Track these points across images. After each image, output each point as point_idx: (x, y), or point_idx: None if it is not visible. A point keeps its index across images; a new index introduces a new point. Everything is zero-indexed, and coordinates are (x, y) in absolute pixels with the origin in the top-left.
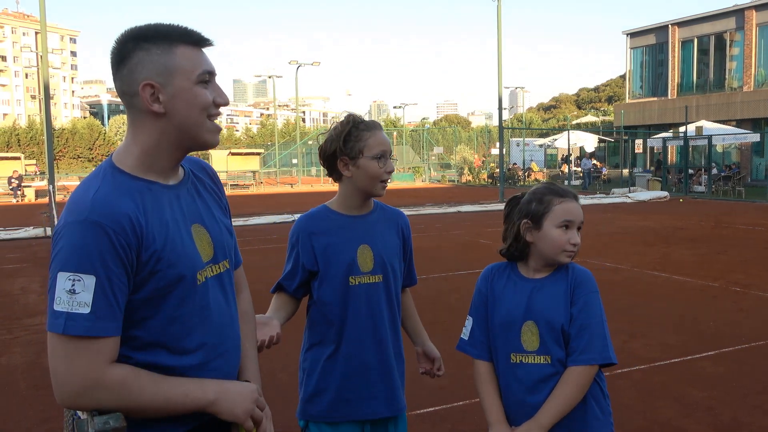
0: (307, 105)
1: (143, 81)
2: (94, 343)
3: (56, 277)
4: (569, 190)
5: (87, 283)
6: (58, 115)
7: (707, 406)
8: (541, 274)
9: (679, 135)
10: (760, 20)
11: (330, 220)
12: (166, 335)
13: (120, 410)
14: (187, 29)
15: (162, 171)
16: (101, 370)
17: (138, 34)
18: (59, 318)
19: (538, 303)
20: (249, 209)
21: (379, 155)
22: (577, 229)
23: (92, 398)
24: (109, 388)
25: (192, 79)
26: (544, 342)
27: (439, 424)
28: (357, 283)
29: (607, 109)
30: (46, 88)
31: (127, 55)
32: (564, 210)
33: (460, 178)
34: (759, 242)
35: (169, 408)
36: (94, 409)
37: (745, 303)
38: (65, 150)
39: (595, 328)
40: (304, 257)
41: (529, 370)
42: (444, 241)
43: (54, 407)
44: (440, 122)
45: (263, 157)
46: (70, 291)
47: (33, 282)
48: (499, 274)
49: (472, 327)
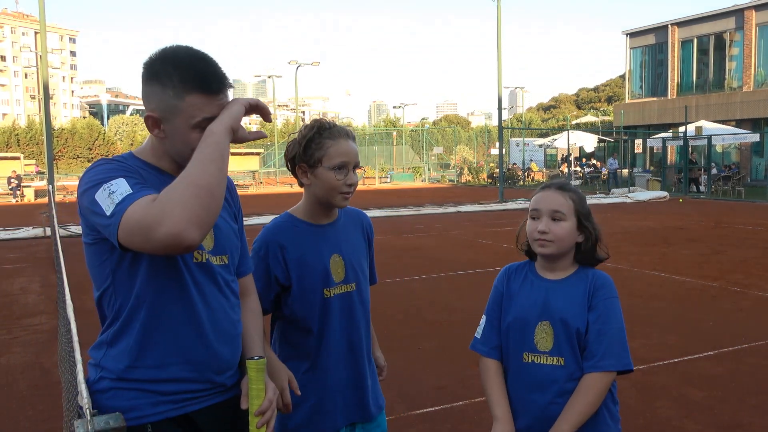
0: (306, 105)
1: (150, 111)
2: (146, 199)
3: (94, 199)
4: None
5: (118, 183)
6: (58, 115)
7: (707, 406)
8: (558, 275)
9: (678, 135)
10: (759, 20)
11: (298, 231)
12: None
13: (201, 198)
14: (206, 77)
15: (172, 167)
16: (158, 195)
17: (157, 66)
18: (115, 216)
19: (554, 303)
20: (249, 209)
21: (338, 166)
22: (553, 219)
23: (191, 208)
24: (172, 200)
25: (190, 123)
26: (558, 343)
27: (440, 424)
28: (332, 295)
29: (607, 109)
30: (45, 88)
31: (149, 80)
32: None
33: (459, 179)
34: (758, 242)
35: (216, 162)
36: (200, 216)
37: (745, 303)
38: (65, 150)
39: (614, 334)
40: (276, 271)
41: (541, 370)
42: (444, 241)
43: (54, 407)
44: (440, 122)
45: (263, 157)
46: (110, 195)
47: (32, 282)
48: (517, 274)
49: (485, 326)
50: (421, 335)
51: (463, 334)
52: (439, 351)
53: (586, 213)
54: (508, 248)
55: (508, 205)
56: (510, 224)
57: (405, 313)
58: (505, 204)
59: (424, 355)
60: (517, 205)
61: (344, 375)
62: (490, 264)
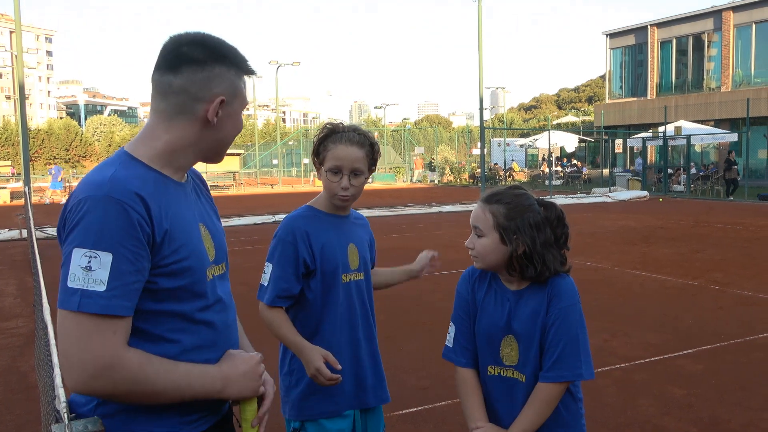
0: (287, 105)
1: (221, 94)
2: (110, 323)
3: (71, 253)
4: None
5: (104, 260)
6: (34, 115)
7: (687, 404)
8: (516, 285)
9: (658, 135)
10: (737, 21)
11: (319, 219)
12: (173, 330)
13: (134, 395)
14: (247, 60)
15: (177, 169)
16: (118, 351)
17: (218, 47)
18: (74, 295)
19: (517, 317)
20: (229, 210)
21: (333, 170)
22: (476, 234)
23: (109, 380)
24: (126, 370)
25: (244, 105)
26: (523, 357)
27: (421, 424)
28: (348, 281)
29: (588, 110)
30: (21, 88)
31: (205, 62)
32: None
33: (441, 179)
34: (737, 241)
35: (180, 395)
36: (109, 395)
37: (724, 301)
38: (41, 151)
39: (567, 343)
40: (304, 253)
41: (505, 383)
42: (426, 241)
43: (32, 412)
44: (421, 122)
45: (243, 158)
46: (86, 268)
47: (8, 285)
48: (481, 281)
49: (455, 334)
50: (403, 336)
51: (445, 335)
52: (421, 352)
53: (513, 226)
54: None
55: None
56: None
57: (387, 314)
58: None
59: (406, 356)
60: None
61: (359, 358)
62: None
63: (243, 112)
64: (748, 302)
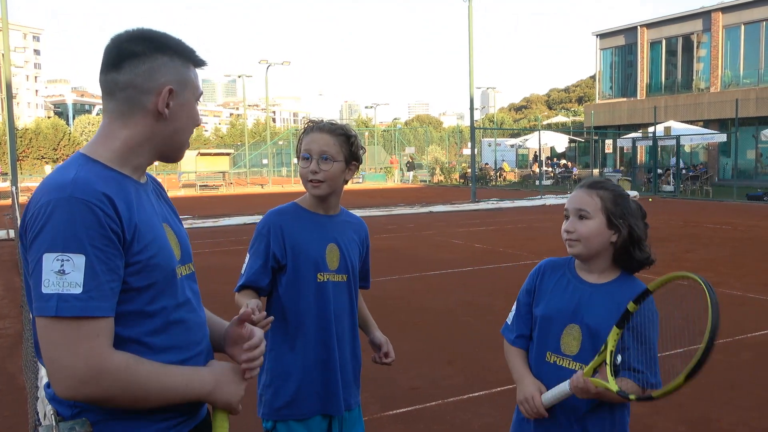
0: (277, 105)
1: (167, 83)
2: (92, 325)
3: (41, 258)
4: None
5: (77, 262)
6: (21, 114)
7: (677, 403)
8: (597, 278)
9: (648, 135)
10: (726, 22)
11: (300, 217)
12: (146, 333)
13: (123, 398)
14: (194, 51)
15: (136, 168)
16: (105, 353)
17: (158, 39)
18: (50, 300)
19: (587, 309)
20: (219, 210)
21: (302, 155)
22: (579, 218)
23: (98, 385)
24: (115, 373)
25: (195, 96)
26: (584, 349)
27: (412, 424)
28: (325, 280)
29: (578, 110)
30: (8, 87)
31: (146, 55)
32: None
33: (431, 179)
34: (726, 241)
35: (169, 397)
36: (99, 400)
37: None
38: (29, 150)
39: (651, 348)
40: (275, 247)
41: (561, 372)
42: (416, 241)
43: (20, 414)
44: (412, 122)
45: (233, 158)
46: (60, 272)
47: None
48: (554, 271)
49: (514, 315)
50: (393, 336)
51: (436, 335)
52: (412, 352)
53: (620, 211)
54: (481, 248)
55: (481, 205)
56: (482, 224)
57: (378, 314)
58: (477, 204)
59: (398, 356)
60: (489, 205)
61: (331, 361)
62: (463, 264)
63: (198, 103)
64: (738, 302)
